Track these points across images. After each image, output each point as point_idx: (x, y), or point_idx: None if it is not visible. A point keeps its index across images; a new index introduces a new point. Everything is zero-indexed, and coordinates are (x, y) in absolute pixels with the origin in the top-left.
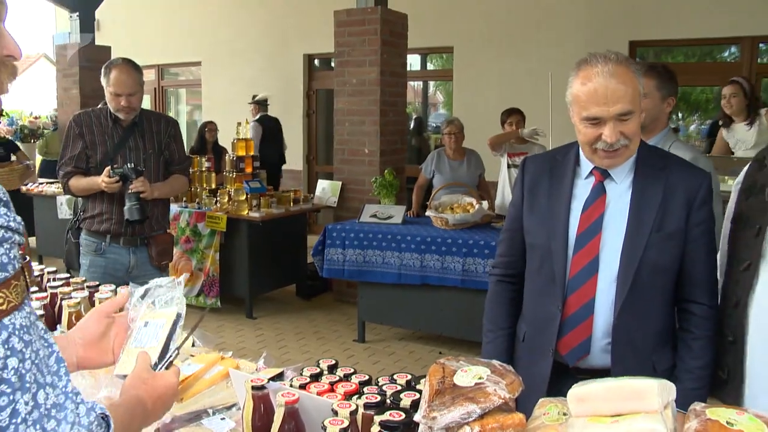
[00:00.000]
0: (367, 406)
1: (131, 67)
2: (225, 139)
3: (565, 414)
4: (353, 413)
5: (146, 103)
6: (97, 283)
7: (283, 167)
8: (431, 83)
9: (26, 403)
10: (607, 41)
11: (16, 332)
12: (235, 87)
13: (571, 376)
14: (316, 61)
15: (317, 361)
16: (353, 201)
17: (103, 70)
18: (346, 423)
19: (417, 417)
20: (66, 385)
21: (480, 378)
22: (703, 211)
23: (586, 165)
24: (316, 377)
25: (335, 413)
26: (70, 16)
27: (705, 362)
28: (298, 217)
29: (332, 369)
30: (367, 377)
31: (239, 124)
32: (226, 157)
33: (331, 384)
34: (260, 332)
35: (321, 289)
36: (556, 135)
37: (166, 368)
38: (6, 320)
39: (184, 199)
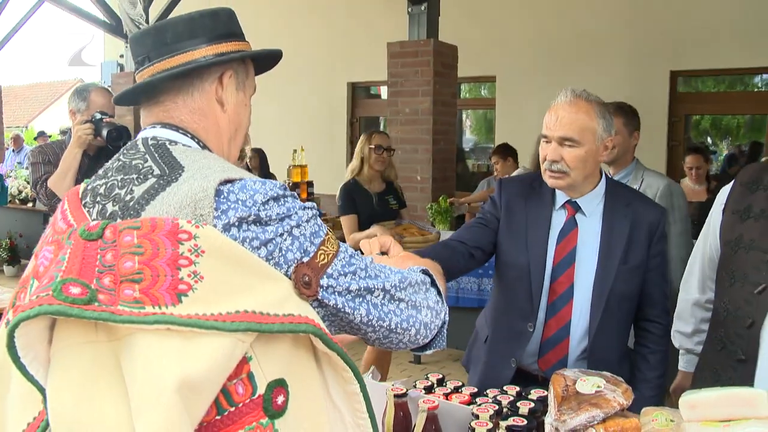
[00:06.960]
0: (497, 414)
1: (107, 91)
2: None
3: (672, 420)
4: (492, 417)
5: None
6: None
7: (325, 192)
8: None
9: (385, 291)
10: (648, 71)
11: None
12: (280, 115)
13: (538, 383)
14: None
15: (426, 375)
16: None
17: (80, 94)
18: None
19: (548, 420)
20: (403, 272)
21: (598, 387)
22: (660, 244)
23: (560, 197)
24: (428, 389)
25: (476, 416)
26: (126, 46)
27: (660, 373)
28: None
29: (441, 382)
30: (475, 389)
31: (295, 151)
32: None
33: (445, 395)
34: None
35: None
36: None
37: None
38: (329, 269)
39: None
